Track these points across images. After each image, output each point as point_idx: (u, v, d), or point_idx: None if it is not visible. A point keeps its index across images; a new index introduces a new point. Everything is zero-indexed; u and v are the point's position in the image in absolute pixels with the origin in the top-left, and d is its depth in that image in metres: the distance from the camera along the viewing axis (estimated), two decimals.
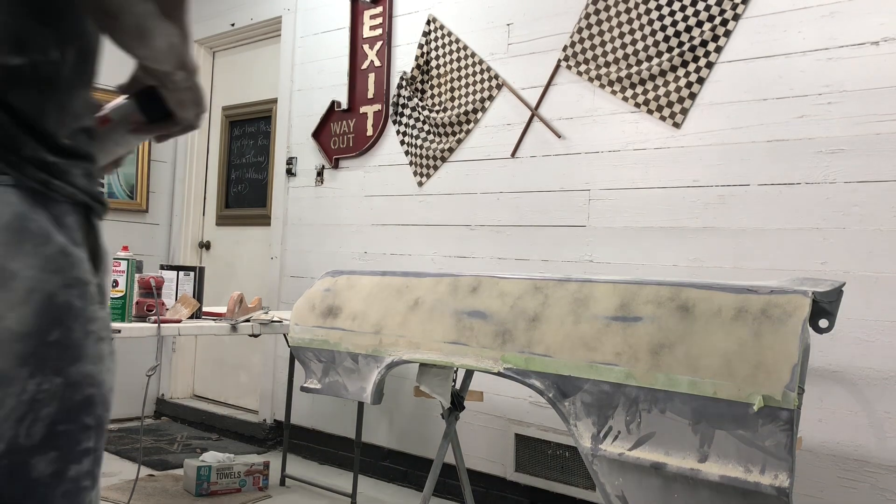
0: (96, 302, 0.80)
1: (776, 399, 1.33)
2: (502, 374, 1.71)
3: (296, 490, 3.26)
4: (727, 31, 2.48)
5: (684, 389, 1.44)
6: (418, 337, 1.89)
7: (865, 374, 2.20)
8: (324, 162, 3.76)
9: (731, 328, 1.43)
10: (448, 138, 3.23)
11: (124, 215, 4.37)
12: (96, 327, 0.79)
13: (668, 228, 2.60)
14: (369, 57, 3.57)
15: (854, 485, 2.21)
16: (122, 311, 2.41)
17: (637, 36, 2.67)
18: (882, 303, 2.18)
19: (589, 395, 1.57)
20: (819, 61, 2.31)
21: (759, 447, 1.35)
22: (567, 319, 1.64)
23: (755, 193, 2.42)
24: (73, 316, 0.77)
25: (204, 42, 4.62)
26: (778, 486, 1.32)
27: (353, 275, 2.17)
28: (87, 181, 0.80)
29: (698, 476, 1.40)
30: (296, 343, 2.19)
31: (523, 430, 2.90)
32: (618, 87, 2.73)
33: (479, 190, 3.12)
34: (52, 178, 0.76)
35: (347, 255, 3.60)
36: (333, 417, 3.62)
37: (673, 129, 2.60)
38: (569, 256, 2.84)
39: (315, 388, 2.17)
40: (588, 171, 2.80)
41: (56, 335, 0.76)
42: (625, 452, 1.50)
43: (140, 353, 4.00)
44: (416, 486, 3.26)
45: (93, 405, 0.79)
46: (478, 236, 3.12)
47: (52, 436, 0.75)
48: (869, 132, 2.22)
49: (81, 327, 0.78)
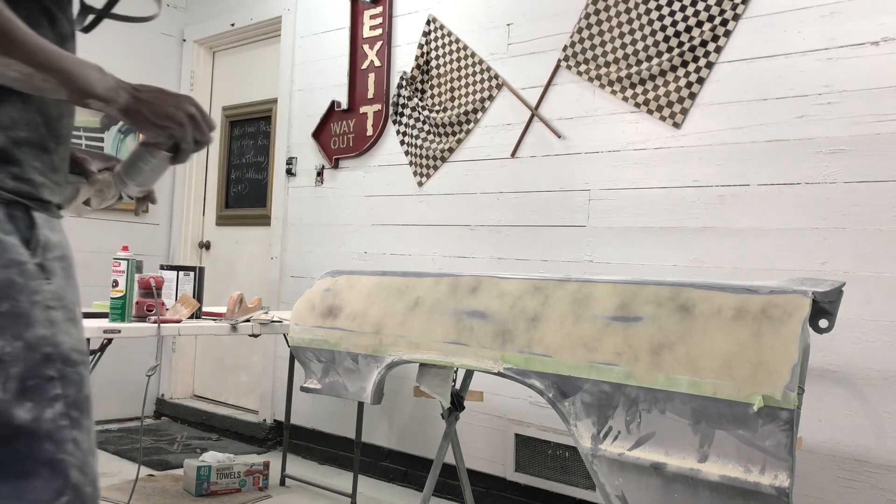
0: (39, 278, 0.98)
1: (776, 399, 1.33)
2: (502, 374, 1.71)
3: (296, 490, 3.26)
4: (727, 31, 2.48)
5: (684, 389, 1.44)
6: (418, 337, 1.89)
7: (865, 374, 2.20)
8: (324, 162, 3.76)
9: (731, 328, 1.43)
10: (448, 138, 3.23)
11: (124, 215, 4.37)
12: (41, 297, 0.97)
13: (668, 228, 2.60)
14: (369, 57, 3.57)
15: (854, 485, 2.21)
16: (122, 311, 2.41)
17: (637, 36, 2.67)
18: (882, 303, 2.18)
19: (589, 395, 1.57)
20: (819, 61, 2.31)
21: (759, 447, 1.35)
22: (567, 319, 1.64)
23: (755, 193, 2.42)
24: (18, 290, 0.95)
25: (204, 42, 4.62)
26: (778, 486, 1.32)
27: (353, 275, 2.17)
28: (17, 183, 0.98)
29: (698, 476, 1.40)
30: (296, 343, 2.19)
31: (523, 430, 2.90)
32: (618, 87, 2.73)
33: (479, 190, 3.12)
34: None
35: (347, 255, 3.60)
36: (333, 417, 3.62)
37: (673, 129, 2.60)
38: (569, 256, 2.84)
39: (315, 388, 2.17)
40: (588, 171, 2.80)
41: (6, 307, 0.94)
42: (625, 452, 1.50)
43: (140, 353, 4.00)
44: (416, 486, 3.26)
45: (52, 361, 0.97)
46: (478, 236, 3.12)
47: (24, 390, 0.94)
48: (869, 132, 2.22)
49: (27, 298, 0.96)
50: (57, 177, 1.07)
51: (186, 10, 4.70)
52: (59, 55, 0.96)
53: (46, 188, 1.04)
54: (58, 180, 1.07)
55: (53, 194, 1.05)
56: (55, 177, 1.06)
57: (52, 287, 0.99)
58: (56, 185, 1.06)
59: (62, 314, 1.00)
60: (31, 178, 1.00)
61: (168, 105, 1.07)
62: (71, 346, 1.00)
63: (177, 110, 1.08)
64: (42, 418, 0.95)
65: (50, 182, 1.05)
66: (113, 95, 1.01)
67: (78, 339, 1.02)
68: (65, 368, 0.98)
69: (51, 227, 1.03)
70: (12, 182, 0.98)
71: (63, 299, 1.01)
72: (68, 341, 1.00)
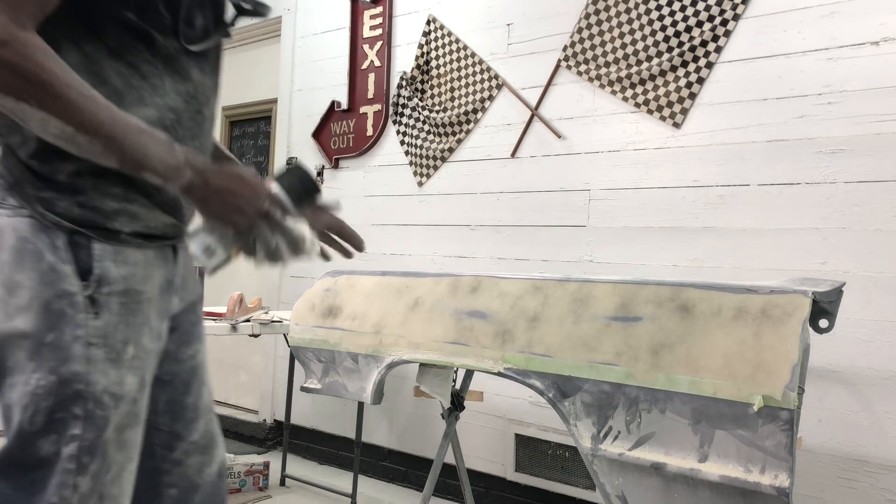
0: (86, 311, 0.96)
1: (776, 399, 1.33)
2: (502, 374, 1.71)
3: (296, 490, 3.26)
4: (727, 31, 2.48)
5: (684, 389, 1.44)
6: (418, 337, 1.89)
7: (865, 374, 2.20)
8: (324, 162, 3.76)
9: (731, 328, 1.43)
10: (448, 138, 3.23)
11: None
12: (83, 332, 0.95)
13: (668, 228, 2.60)
14: (369, 57, 3.57)
15: (854, 485, 2.21)
16: None
17: (637, 36, 2.67)
18: (882, 303, 2.18)
19: (589, 395, 1.57)
20: (819, 61, 2.31)
21: (759, 447, 1.35)
22: (567, 319, 1.64)
23: (755, 193, 2.42)
24: (65, 322, 0.94)
25: None
26: (778, 486, 1.32)
27: (353, 275, 2.17)
28: (82, 211, 0.96)
29: (698, 476, 1.40)
30: (296, 343, 2.19)
31: (523, 430, 2.90)
32: (618, 87, 2.73)
33: (479, 190, 3.12)
34: (46, 210, 0.95)
35: None
36: (333, 417, 3.62)
37: (673, 129, 2.60)
38: (569, 256, 2.84)
39: (315, 388, 2.17)
40: (588, 171, 2.80)
41: (51, 337, 0.93)
42: (625, 452, 1.50)
43: None
44: (416, 486, 3.26)
45: (81, 399, 0.95)
46: (478, 236, 3.12)
47: (51, 423, 0.93)
48: (869, 132, 2.22)
49: (71, 332, 0.94)
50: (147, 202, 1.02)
51: None
52: (111, 118, 0.89)
53: (124, 216, 0.99)
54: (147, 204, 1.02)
55: (134, 222, 1.00)
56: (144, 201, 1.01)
57: (98, 323, 0.96)
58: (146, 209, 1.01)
59: (103, 353, 0.96)
60: (98, 206, 0.97)
61: (240, 197, 0.98)
62: (104, 387, 0.97)
63: (249, 205, 0.98)
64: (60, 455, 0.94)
65: (136, 208, 1.00)
66: (172, 174, 0.94)
67: (115, 381, 0.98)
68: (93, 410, 0.96)
69: (116, 259, 0.99)
70: (77, 210, 0.96)
71: (108, 337, 0.97)
72: (103, 382, 0.96)
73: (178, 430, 1.19)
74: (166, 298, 1.09)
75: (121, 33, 0.97)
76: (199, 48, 1.06)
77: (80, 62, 0.94)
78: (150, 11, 0.98)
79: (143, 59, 0.99)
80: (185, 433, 1.20)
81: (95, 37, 0.95)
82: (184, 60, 1.04)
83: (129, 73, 0.98)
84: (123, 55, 0.97)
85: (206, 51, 1.08)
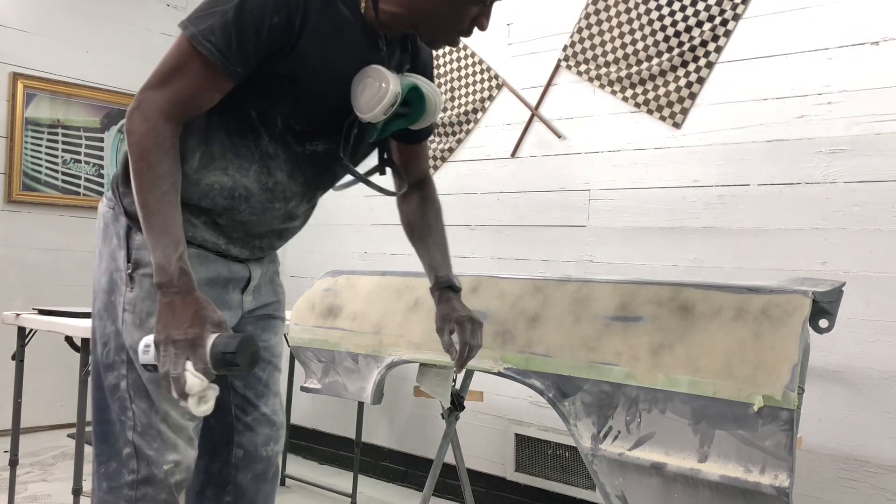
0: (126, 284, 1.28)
1: (776, 399, 1.33)
2: (502, 374, 1.71)
3: (296, 490, 3.26)
4: (727, 31, 2.48)
5: (684, 389, 1.44)
6: (418, 337, 1.89)
7: (865, 374, 2.20)
8: None
9: (731, 328, 1.43)
10: (448, 138, 3.23)
11: None
12: (123, 300, 1.28)
13: (668, 228, 2.60)
14: None
15: (854, 485, 2.21)
16: None
17: (637, 36, 2.67)
18: (882, 303, 2.18)
19: (589, 395, 1.56)
20: (819, 61, 2.31)
21: (759, 447, 1.35)
22: (567, 319, 1.64)
23: (755, 193, 2.42)
24: (117, 290, 1.29)
25: None
26: (778, 486, 1.32)
27: (353, 275, 2.17)
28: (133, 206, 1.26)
29: (698, 476, 1.40)
30: (296, 343, 2.19)
31: (523, 430, 2.90)
32: (618, 87, 2.73)
33: (479, 190, 3.12)
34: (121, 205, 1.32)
35: (347, 255, 3.60)
36: (333, 417, 3.62)
37: (673, 129, 2.60)
38: (569, 256, 2.84)
39: (315, 388, 2.17)
40: (588, 171, 2.80)
41: (112, 298, 1.30)
42: (625, 452, 1.50)
43: None
44: (416, 486, 3.26)
45: (125, 349, 1.28)
46: (478, 236, 3.11)
47: (113, 362, 1.29)
48: (869, 132, 2.22)
49: (119, 298, 1.29)
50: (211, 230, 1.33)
51: (186, 10, 4.70)
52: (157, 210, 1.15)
53: None
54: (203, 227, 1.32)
55: None
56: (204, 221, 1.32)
57: (131, 295, 1.28)
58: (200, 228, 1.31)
59: (131, 317, 1.28)
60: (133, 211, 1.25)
61: (170, 328, 1.10)
62: (130, 343, 1.27)
63: (168, 343, 1.09)
64: (119, 387, 1.28)
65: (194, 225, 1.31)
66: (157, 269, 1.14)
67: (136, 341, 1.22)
68: (133, 358, 1.26)
69: None
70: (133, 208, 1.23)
71: (136, 306, 1.27)
72: (129, 340, 1.27)
73: (250, 397, 1.48)
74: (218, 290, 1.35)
75: (240, 120, 1.26)
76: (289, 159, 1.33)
77: (202, 124, 1.25)
78: (268, 118, 1.26)
79: (246, 145, 1.27)
80: (256, 402, 1.49)
81: (223, 113, 1.24)
82: (278, 163, 1.30)
83: (229, 148, 1.27)
84: (233, 135, 1.26)
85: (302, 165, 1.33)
